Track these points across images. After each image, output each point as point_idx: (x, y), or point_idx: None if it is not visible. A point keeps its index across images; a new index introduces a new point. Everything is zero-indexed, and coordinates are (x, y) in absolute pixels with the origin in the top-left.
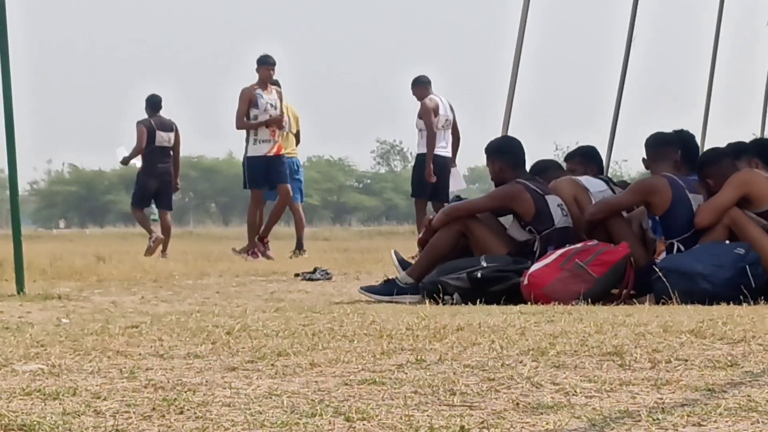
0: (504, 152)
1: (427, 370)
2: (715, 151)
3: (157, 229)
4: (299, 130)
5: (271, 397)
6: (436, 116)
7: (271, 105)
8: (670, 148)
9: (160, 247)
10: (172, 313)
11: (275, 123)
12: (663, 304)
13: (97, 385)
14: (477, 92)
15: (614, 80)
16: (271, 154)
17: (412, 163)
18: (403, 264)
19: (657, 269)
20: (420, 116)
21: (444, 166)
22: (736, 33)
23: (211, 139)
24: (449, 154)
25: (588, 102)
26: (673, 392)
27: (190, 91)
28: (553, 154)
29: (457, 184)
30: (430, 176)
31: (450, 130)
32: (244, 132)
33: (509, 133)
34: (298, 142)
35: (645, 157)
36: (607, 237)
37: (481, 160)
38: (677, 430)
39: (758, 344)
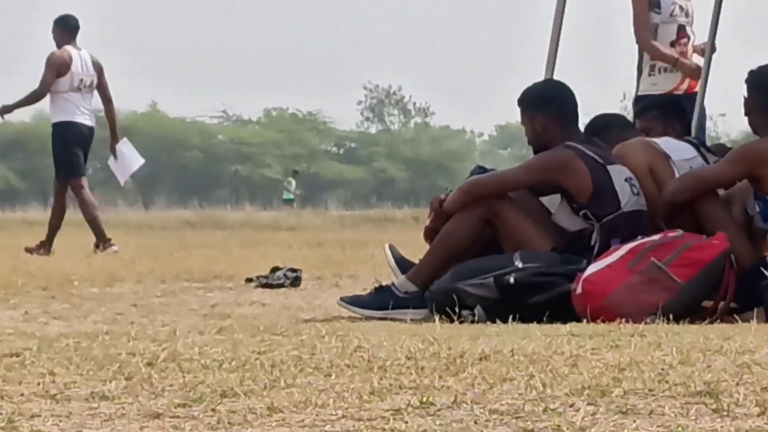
0: (547, 103)
1: (438, 417)
2: None
3: None
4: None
5: None
6: (65, 74)
7: (681, 8)
8: None
9: None
10: (69, 336)
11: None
12: None
13: None
14: (507, 19)
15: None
16: (681, 90)
17: (417, 120)
18: (403, 264)
19: None
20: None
21: (86, 136)
22: None
23: (129, 87)
24: (92, 123)
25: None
26: None
27: (101, 28)
28: (620, 107)
29: (127, 166)
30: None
31: (92, 95)
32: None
33: (555, 77)
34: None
35: (747, 101)
36: (695, 225)
37: (514, 116)
38: None
39: None
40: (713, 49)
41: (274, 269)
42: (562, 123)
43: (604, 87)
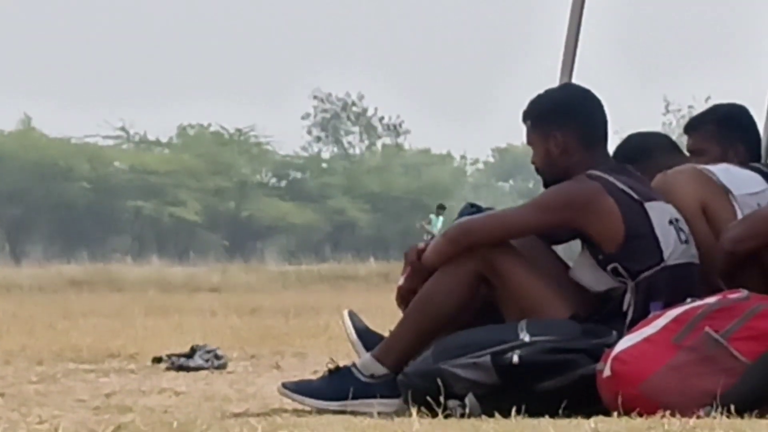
0: (569, 116)
1: None
2: None
3: None
4: None
5: None
6: None
7: None
8: None
9: None
10: None
11: None
12: None
13: None
14: (509, 4)
15: None
16: None
17: (385, 141)
18: (367, 338)
19: None
20: None
21: None
22: None
23: None
24: None
25: (726, 25)
26: None
27: None
28: (662, 122)
29: None
30: None
31: None
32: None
33: (575, 81)
34: None
35: None
36: (765, 284)
37: (517, 136)
38: None
39: None
40: None
41: (193, 349)
42: (587, 144)
43: (641, 95)
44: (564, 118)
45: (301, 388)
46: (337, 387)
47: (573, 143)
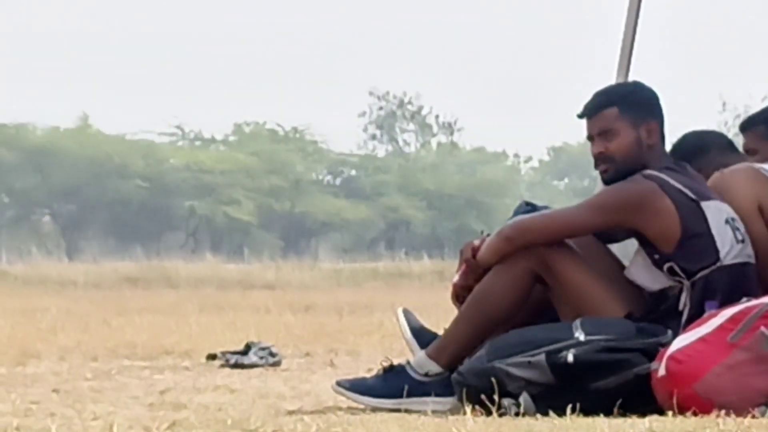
0: (658, 108)
1: None
2: None
3: None
4: None
5: None
6: None
7: None
8: None
9: None
10: None
11: None
12: None
13: None
14: (565, 2)
15: None
16: None
17: (440, 139)
18: (422, 336)
19: None
20: None
21: None
22: None
23: (51, 95)
24: None
25: None
26: None
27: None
28: (718, 121)
29: None
30: None
31: None
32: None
33: (631, 79)
34: None
35: None
36: None
37: (574, 134)
38: None
39: None
40: None
41: (248, 345)
42: (663, 140)
43: (697, 93)
44: (657, 110)
45: (355, 386)
46: (392, 385)
47: (658, 136)
